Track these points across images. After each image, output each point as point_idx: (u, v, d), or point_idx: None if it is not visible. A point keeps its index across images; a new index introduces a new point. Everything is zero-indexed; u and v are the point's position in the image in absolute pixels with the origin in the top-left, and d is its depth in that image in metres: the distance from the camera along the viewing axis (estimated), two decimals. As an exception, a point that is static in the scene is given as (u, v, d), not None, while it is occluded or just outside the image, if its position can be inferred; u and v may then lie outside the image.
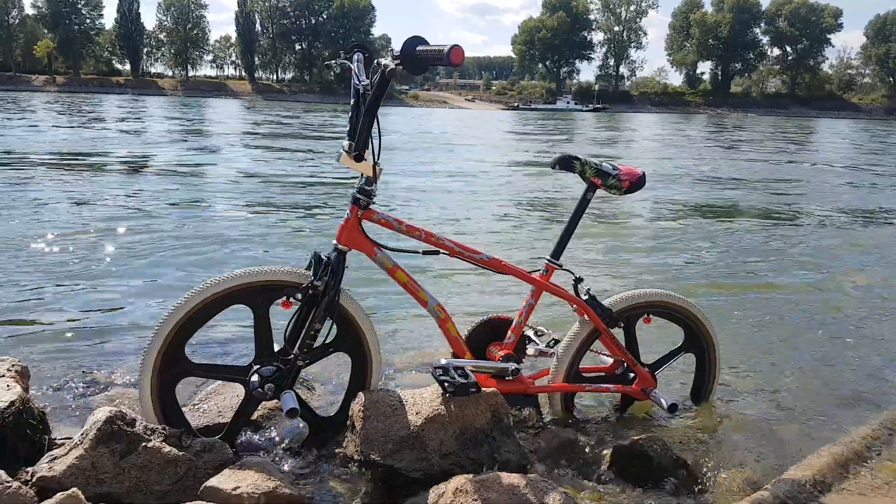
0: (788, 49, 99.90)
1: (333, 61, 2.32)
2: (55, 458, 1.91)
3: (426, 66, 1.96)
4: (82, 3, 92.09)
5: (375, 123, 2.10)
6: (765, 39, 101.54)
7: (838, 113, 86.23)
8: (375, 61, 2.08)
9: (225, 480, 1.83)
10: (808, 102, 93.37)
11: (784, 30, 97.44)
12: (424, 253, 2.32)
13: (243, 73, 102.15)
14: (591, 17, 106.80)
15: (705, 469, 2.36)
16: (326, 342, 2.26)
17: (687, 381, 2.91)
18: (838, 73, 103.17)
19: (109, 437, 1.89)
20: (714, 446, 2.57)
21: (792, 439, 2.70)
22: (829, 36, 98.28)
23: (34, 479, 1.85)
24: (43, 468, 1.87)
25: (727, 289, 5.03)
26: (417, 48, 1.94)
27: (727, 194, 10.80)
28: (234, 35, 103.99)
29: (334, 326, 2.25)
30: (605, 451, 2.35)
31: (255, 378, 2.16)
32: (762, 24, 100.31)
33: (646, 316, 2.60)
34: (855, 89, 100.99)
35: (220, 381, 2.65)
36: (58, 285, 4.44)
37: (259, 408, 2.36)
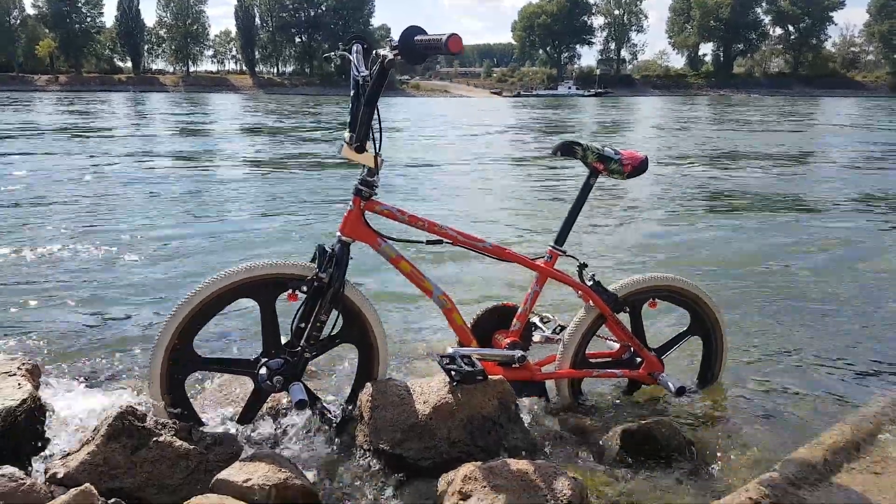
0: (790, 28, 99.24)
1: (333, 53, 2.32)
2: (68, 455, 1.93)
3: (425, 56, 1.96)
4: (82, 1, 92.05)
5: (376, 114, 2.10)
6: (766, 19, 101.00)
7: (842, 91, 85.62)
8: (374, 52, 2.08)
9: (236, 473, 1.84)
10: (811, 81, 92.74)
11: (786, 9, 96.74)
12: (428, 242, 2.33)
13: (244, 68, 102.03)
14: (591, 1, 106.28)
15: (714, 451, 2.37)
16: (333, 334, 2.28)
17: (694, 364, 2.91)
18: (841, 52, 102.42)
19: (121, 433, 1.91)
20: (722, 428, 2.57)
21: (801, 420, 2.70)
22: (831, 14, 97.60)
23: (47, 476, 1.86)
24: (56, 464, 1.89)
25: (733, 271, 5.01)
26: (415, 38, 1.93)
27: (732, 176, 10.76)
28: (233, 29, 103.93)
29: (340, 318, 2.27)
30: (613, 436, 2.36)
31: (263, 371, 2.18)
32: (763, 4, 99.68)
33: (651, 300, 2.60)
34: (859, 67, 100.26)
35: (228, 375, 2.67)
36: (67, 283, 4.46)
37: (268, 400, 2.38)
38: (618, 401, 2.76)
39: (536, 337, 2.58)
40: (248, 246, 5.73)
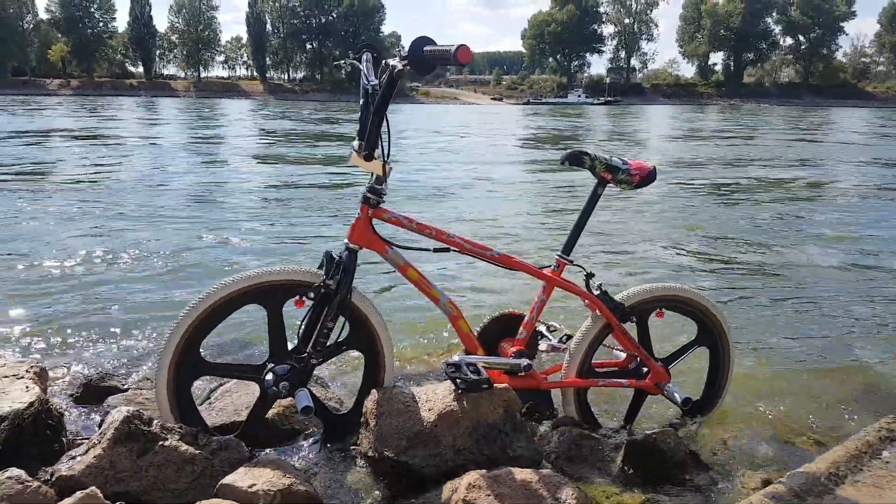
0: (801, 38, 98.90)
1: (343, 61, 2.34)
2: (74, 458, 1.93)
3: (434, 67, 1.97)
4: (95, 6, 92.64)
5: (385, 123, 2.11)
6: (777, 29, 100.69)
7: (853, 102, 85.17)
8: (384, 62, 2.09)
9: (241, 478, 1.85)
10: (821, 92, 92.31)
11: (796, 19, 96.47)
12: (435, 250, 2.33)
13: (255, 74, 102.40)
14: (601, 9, 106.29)
15: (719, 463, 2.36)
16: (339, 340, 2.28)
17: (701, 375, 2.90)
18: (852, 62, 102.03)
19: (127, 437, 1.92)
20: (728, 440, 2.57)
21: (806, 432, 2.69)
22: (842, 24, 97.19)
23: (54, 479, 1.87)
24: (62, 468, 1.90)
25: (740, 282, 5.00)
26: (424, 48, 1.94)
27: (740, 187, 10.73)
28: (245, 35, 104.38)
29: (347, 324, 2.27)
30: (618, 446, 2.35)
31: (269, 376, 2.18)
32: (774, 14, 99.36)
33: (658, 310, 2.59)
34: (869, 77, 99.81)
35: (234, 380, 2.68)
36: (74, 287, 4.49)
37: (274, 406, 2.38)
38: (623, 411, 2.75)
39: (543, 346, 2.58)
40: (255, 252, 5.75)
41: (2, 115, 28.72)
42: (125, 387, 2.92)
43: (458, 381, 2.17)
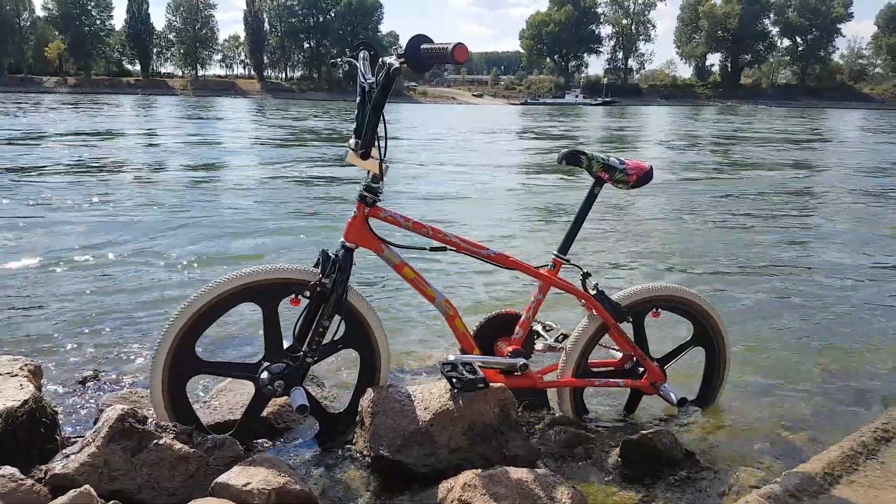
0: (798, 40, 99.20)
1: (339, 59, 2.33)
2: (68, 456, 1.93)
3: (431, 65, 1.97)
4: (92, 4, 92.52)
5: (382, 121, 2.11)
6: (774, 30, 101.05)
7: (849, 103, 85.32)
8: (381, 60, 2.09)
9: (235, 477, 1.85)
10: (818, 93, 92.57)
11: (793, 20, 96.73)
12: (432, 249, 2.33)
13: (252, 72, 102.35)
14: (599, 10, 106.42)
15: (715, 463, 2.36)
16: (335, 339, 2.28)
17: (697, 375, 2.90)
18: (849, 64, 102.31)
19: (121, 435, 1.91)
20: (723, 440, 2.57)
21: (802, 432, 2.69)
22: (839, 26, 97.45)
23: (48, 477, 1.87)
24: (56, 466, 1.90)
25: (736, 282, 5.00)
26: (421, 47, 1.94)
27: (737, 186, 10.73)
28: (242, 34, 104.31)
29: (343, 323, 2.27)
30: (613, 446, 2.35)
31: (264, 375, 2.18)
32: (771, 15, 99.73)
33: (654, 310, 2.59)
34: (866, 79, 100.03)
35: (230, 379, 2.67)
36: (69, 285, 4.47)
37: (269, 404, 2.38)
38: (619, 411, 2.75)
39: (539, 345, 2.58)
40: (251, 251, 5.74)
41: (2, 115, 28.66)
42: (120, 385, 2.91)
43: (455, 380, 2.17)
